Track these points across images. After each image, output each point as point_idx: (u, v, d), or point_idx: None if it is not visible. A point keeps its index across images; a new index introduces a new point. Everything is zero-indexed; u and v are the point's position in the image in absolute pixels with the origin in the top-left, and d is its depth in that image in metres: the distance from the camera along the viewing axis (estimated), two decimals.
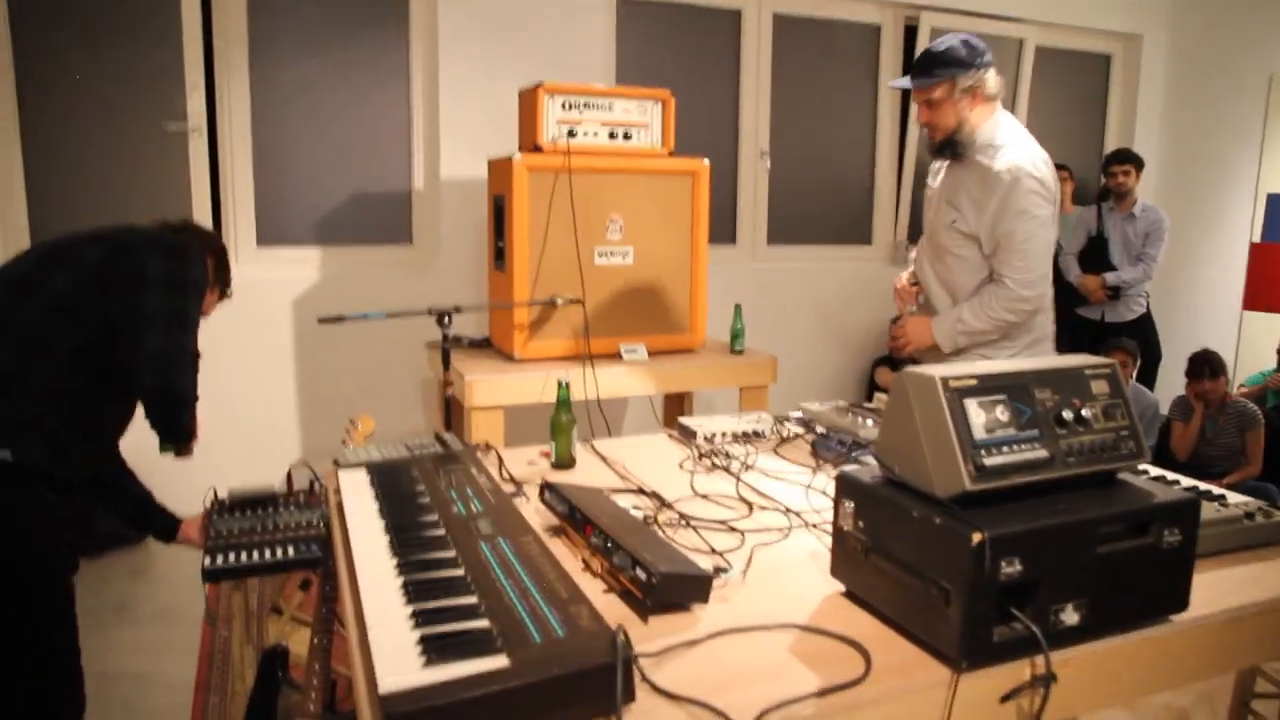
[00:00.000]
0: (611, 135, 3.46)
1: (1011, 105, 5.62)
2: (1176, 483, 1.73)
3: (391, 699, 0.91)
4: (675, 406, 4.21)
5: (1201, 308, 5.87)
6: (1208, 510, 1.50)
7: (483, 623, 1.08)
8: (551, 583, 1.18)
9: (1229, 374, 4.66)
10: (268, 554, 2.06)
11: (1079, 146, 5.96)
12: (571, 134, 3.37)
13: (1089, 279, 5.01)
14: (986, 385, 1.19)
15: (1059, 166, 5.39)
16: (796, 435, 2.24)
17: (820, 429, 2.21)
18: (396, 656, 1.00)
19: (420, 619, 1.10)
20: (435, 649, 1.01)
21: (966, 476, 1.12)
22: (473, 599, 1.15)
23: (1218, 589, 1.37)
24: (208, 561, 2.02)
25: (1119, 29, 5.88)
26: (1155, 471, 1.81)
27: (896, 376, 1.23)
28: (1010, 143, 2.47)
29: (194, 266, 2.06)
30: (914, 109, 5.19)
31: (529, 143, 3.40)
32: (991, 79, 2.46)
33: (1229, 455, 4.49)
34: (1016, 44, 5.53)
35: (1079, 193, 5.67)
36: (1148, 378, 5.40)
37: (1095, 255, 5.04)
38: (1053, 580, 1.13)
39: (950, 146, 2.55)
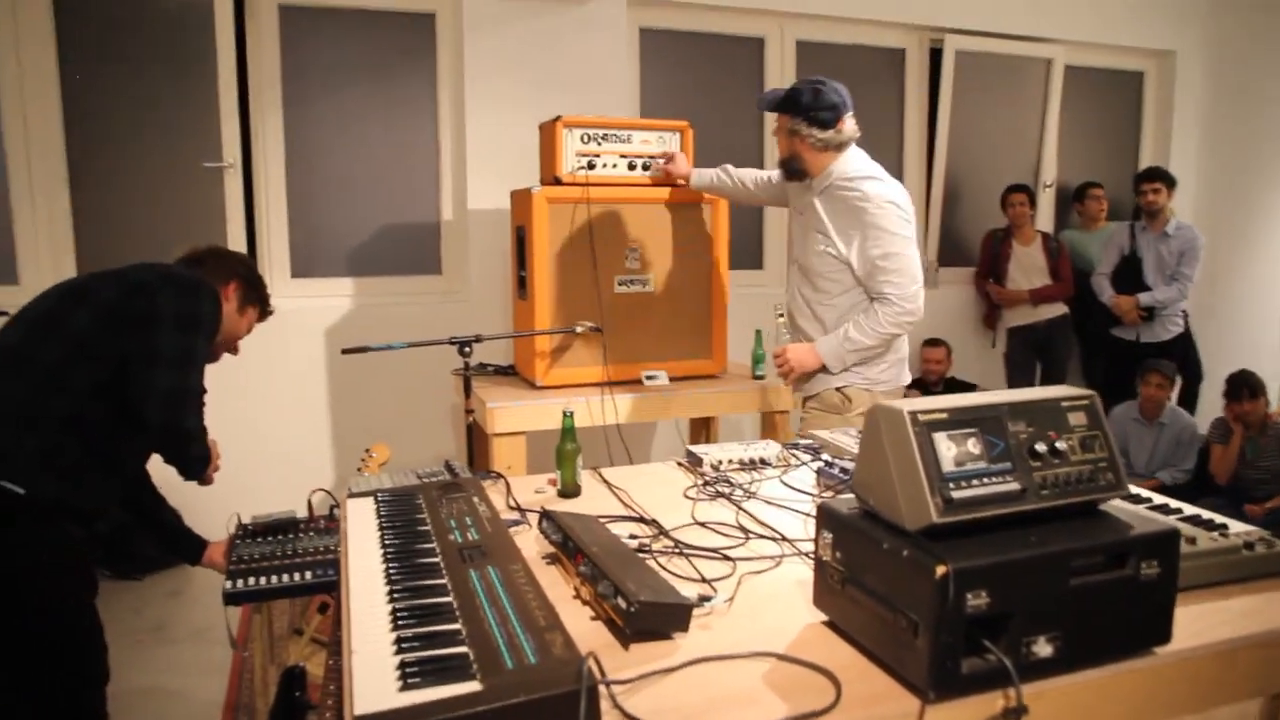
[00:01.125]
0: (631, 166, 3.52)
1: (1040, 125, 5.61)
2: (1179, 511, 1.72)
3: None
4: (701, 433, 4.24)
5: (1243, 327, 5.75)
6: (1204, 540, 1.49)
7: (461, 649, 1.12)
8: (532, 610, 1.22)
9: (1269, 394, 4.55)
10: (286, 578, 2.12)
11: (1112, 165, 5.89)
12: (590, 165, 3.44)
13: (1122, 300, 4.95)
14: (958, 419, 1.20)
15: (1093, 184, 5.37)
16: (802, 464, 2.25)
17: (826, 457, 2.22)
18: (374, 680, 1.05)
19: (402, 644, 1.14)
20: (412, 674, 1.05)
21: (934, 509, 1.13)
22: (456, 625, 1.20)
23: (1210, 620, 1.36)
24: (229, 585, 2.09)
25: (1151, 45, 5.83)
26: (1159, 500, 1.80)
27: (870, 410, 1.26)
28: (865, 175, 2.71)
29: (205, 303, 2.13)
30: (939, 132, 5.21)
31: (549, 175, 3.47)
32: (821, 134, 2.70)
33: (1271, 478, 4.39)
34: (1044, 64, 5.50)
35: (1114, 210, 5.60)
36: (1189, 399, 5.31)
37: (1129, 275, 4.98)
38: (1024, 613, 1.14)
39: (787, 166, 2.87)
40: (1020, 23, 5.38)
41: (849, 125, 2.74)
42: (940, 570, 1.07)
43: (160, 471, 2.31)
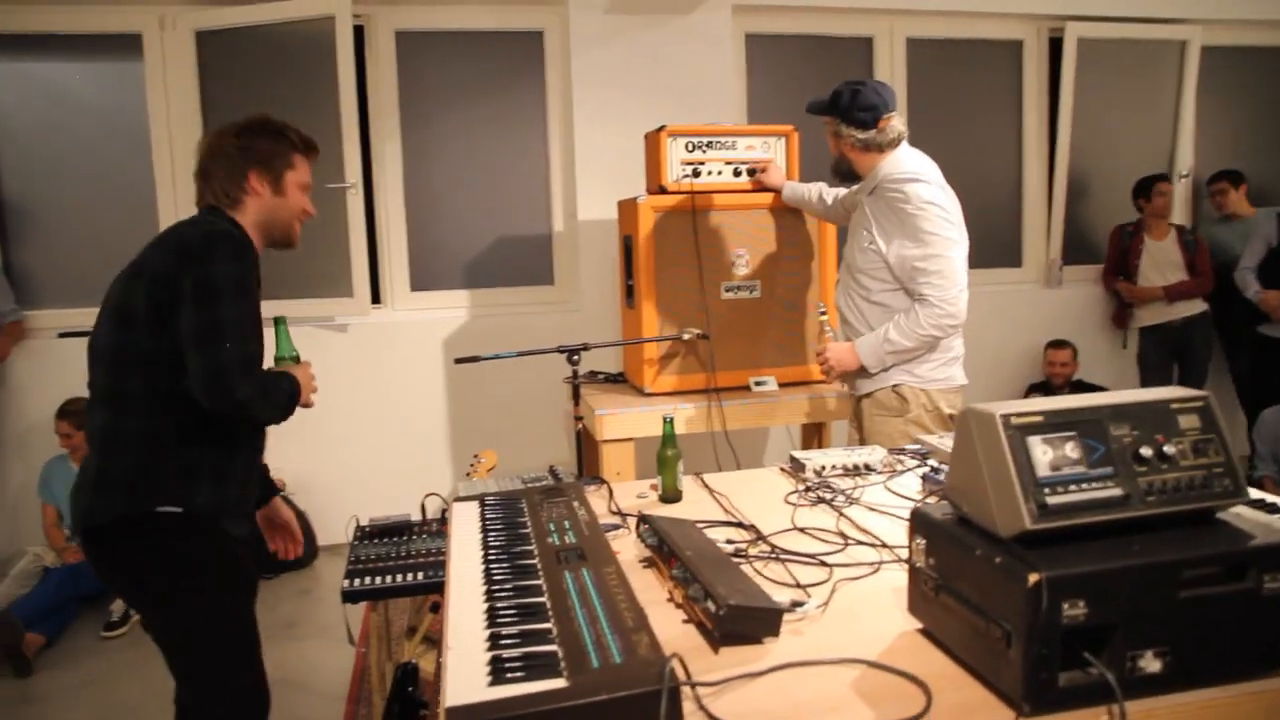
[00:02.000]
0: (736, 173, 3.52)
1: (1175, 110, 5.29)
2: None
3: (454, 712, 1.00)
4: (813, 438, 4.18)
5: None
6: None
7: (551, 647, 1.16)
8: (621, 612, 1.24)
9: None
10: (400, 578, 2.22)
11: (1260, 149, 5.47)
12: (695, 173, 3.46)
13: (1271, 295, 4.61)
14: (1054, 422, 1.16)
15: (1221, 176, 4.98)
16: (908, 469, 2.20)
17: (933, 463, 2.17)
18: (466, 675, 1.09)
19: (495, 642, 1.18)
20: (502, 669, 1.09)
21: (1028, 515, 1.10)
22: (547, 625, 1.23)
23: None
24: (346, 584, 2.20)
25: None
26: None
27: (961, 413, 1.23)
28: (910, 176, 2.66)
29: (218, 263, 1.84)
30: (1061, 123, 4.99)
31: (654, 184, 3.51)
32: (861, 135, 2.74)
33: None
34: (1178, 46, 5.19)
35: (1264, 199, 5.22)
36: None
37: (1277, 268, 4.63)
38: (1128, 625, 1.09)
39: (837, 168, 2.90)
40: (1149, 4, 5.09)
41: (894, 124, 2.74)
42: (1033, 578, 1.04)
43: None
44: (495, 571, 1.47)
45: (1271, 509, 1.68)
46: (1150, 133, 5.34)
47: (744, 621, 1.28)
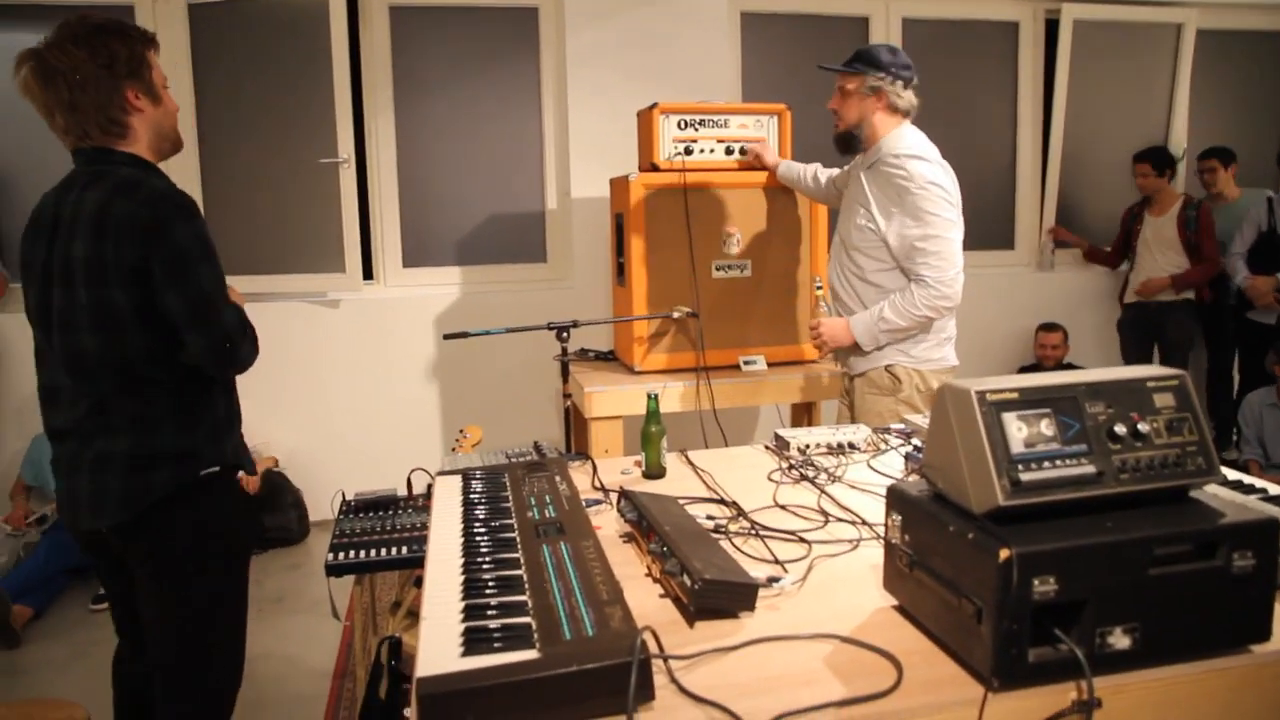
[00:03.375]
0: (728, 151, 3.50)
1: (1170, 94, 5.27)
2: None
3: (425, 681, 1.00)
4: (802, 417, 4.19)
5: None
6: None
7: (524, 619, 1.16)
8: (596, 585, 1.25)
9: None
10: (385, 552, 2.23)
11: (1254, 134, 5.46)
12: (688, 151, 3.44)
13: (1259, 280, 4.60)
14: (1029, 399, 1.16)
15: (1211, 153, 4.93)
16: (891, 448, 2.21)
17: (916, 441, 2.17)
18: (440, 645, 1.10)
19: (470, 612, 1.19)
20: (475, 640, 1.10)
21: (1000, 491, 1.10)
22: (523, 597, 1.24)
23: None
24: (331, 557, 2.21)
25: None
26: (1276, 489, 1.69)
27: (938, 389, 1.23)
28: (913, 153, 2.65)
29: (179, 234, 1.75)
30: (1055, 105, 4.97)
31: (646, 161, 3.50)
32: (903, 93, 2.72)
33: None
34: (1174, 29, 5.16)
35: (1254, 182, 5.19)
36: None
37: (1268, 252, 4.62)
38: (1099, 602, 1.09)
39: (847, 140, 2.83)
40: None
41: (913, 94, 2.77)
42: (1004, 554, 1.04)
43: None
44: (474, 544, 1.47)
45: (1249, 490, 1.69)
46: (1146, 115, 5.32)
47: (719, 596, 1.29)
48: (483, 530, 1.54)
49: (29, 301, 1.87)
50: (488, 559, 1.40)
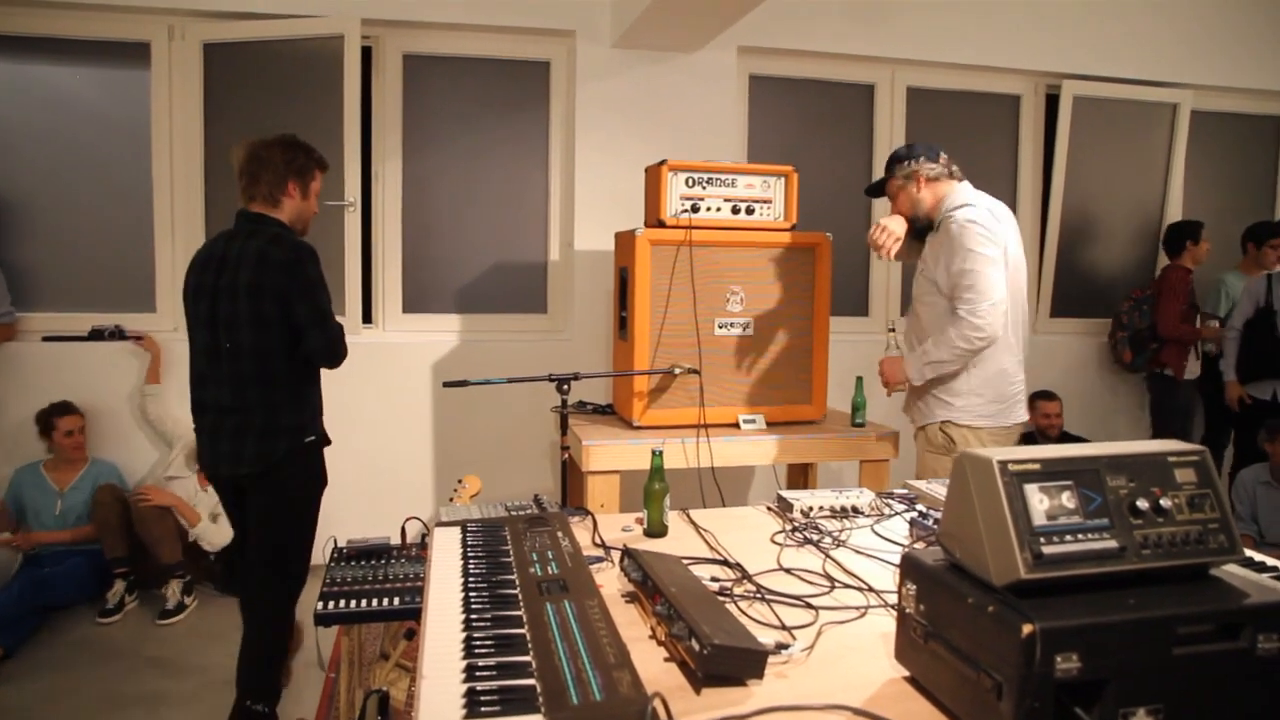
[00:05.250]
0: (734, 210, 3.53)
1: (1165, 173, 5.36)
2: None
3: None
4: (799, 479, 4.16)
5: None
6: None
7: (529, 681, 1.12)
8: (603, 647, 1.21)
9: None
10: (376, 603, 2.17)
11: (1245, 214, 5.53)
12: (694, 209, 3.46)
13: (1234, 388, 4.69)
14: (1051, 470, 1.15)
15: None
16: (895, 513, 2.18)
17: (921, 507, 2.15)
18: (440, 706, 1.06)
19: (472, 673, 1.15)
20: (478, 702, 1.06)
21: (1022, 564, 1.08)
22: (526, 657, 1.20)
23: None
24: (320, 606, 2.15)
25: None
26: None
27: (956, 458, 1.21)
28: (960, 204, 2.89)
29: (309, 270, 2.67)
30: (1055, 177, 5.05)
31: (653, 217, 3.52)
32: (931, 165, 2.99)
33: None
34: (1170, 109, 5.27)
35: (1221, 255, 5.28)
36: None
37: (1262, 326, 4.65)
38: (1121, 681, 1.06)
39: (921, 230, 3.06)
40: (1143, 68, 5.18)
41: (946, 161, 3.03)
42: (1026, 629, 1.02)
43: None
44: (475, 600, 1.43)
45: (1260, 567, 1.67)
46: (1141, 191, 5.40)
47: (728, 662, 1.25)
48: (483, 585, 1.50)
49: (199, 312, 2.68)
50: (489, 616, 1.36)
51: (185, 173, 4.20)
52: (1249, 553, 1.77)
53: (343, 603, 2.17)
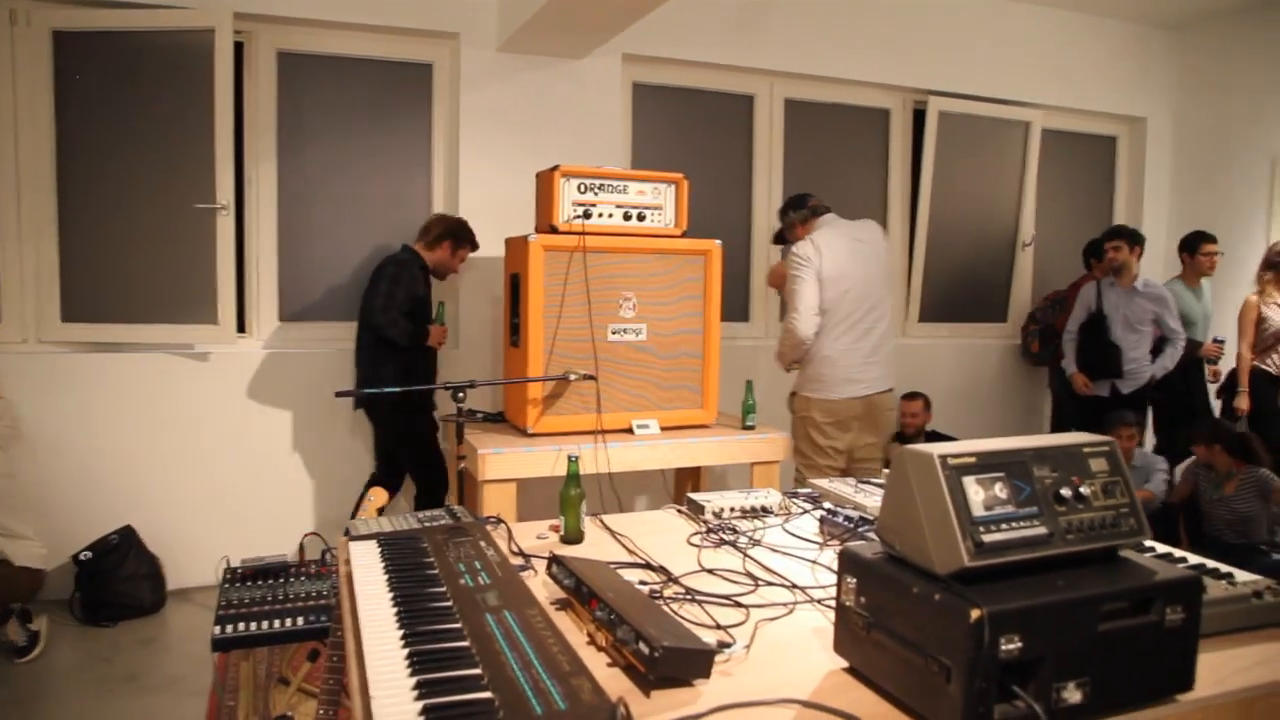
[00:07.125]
0: (626, 216, 3.55)
1: (1019, 186, 5.74)
2: (1183, 560, 1.73)
3: None
4: (687, 481, 4.21)
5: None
6: (1215, 589, 1.49)
7: (484, 694, 1.10)
8: (554, 655, 1.20)
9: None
10: (278, 624, 2.07)
11: (1088, 227, 5.99)
12: (586, 215, 3.46)
13: (1077, 377, 5.02)
14: (985, 463, 1.21)
15: (1207, 238, 5.17)
16: (804, 511, 2.25)
17: (828, 505, 2.22)
18: None
19: (423, 689, 1.11)
20: (439, 718, 1.02)
21: (965, 553, 1.13)
22: (476, 670, 1.17)
23: (1226, 669, 1.36)
24: (217, 630, 2.03)
25: (1124, 112, 6.02)
26: (1161, 549, 1.81)
27: (897, 454, 1.26)
28: (807, 238, 3.64)
29: (387, 271, 3.87)
30: (922, 187, 5.31)
31: (545, 223, 3.50)
32: (796, 214, 3.79)
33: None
34: (1023, 126, 5.66)
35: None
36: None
37: (1095, 330, 5.01)
38: (1054, 658, 1.13)
39: (778, 238, 4.00)
40: (1001, 87, 5.54)
41: (810, 208, 3.77)
42: (975, 614, 1.07)
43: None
44: (407, 615, 1.38)
45: (1145, 550, 1.81)
46: (1000, 202, 5.77)
47: (678, 664, 1.26)
48: (414, 599, 1.45)
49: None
50: (425, 630, 1.32)
51: (31, 168, 3.85)
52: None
53: (242, 625, 2.04)
